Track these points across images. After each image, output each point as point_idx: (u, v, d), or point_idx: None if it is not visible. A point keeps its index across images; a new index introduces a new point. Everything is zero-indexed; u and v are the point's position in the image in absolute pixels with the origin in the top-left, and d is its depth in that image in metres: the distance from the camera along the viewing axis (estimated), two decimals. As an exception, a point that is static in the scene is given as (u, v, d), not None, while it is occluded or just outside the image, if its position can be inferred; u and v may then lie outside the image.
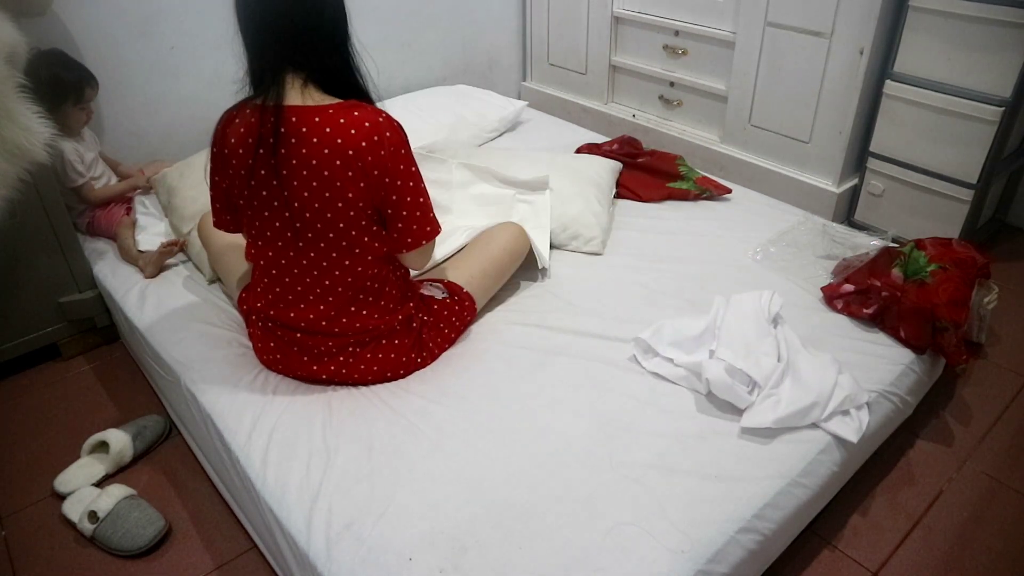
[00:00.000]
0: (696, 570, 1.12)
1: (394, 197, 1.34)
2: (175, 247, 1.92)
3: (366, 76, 1.35)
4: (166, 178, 2.09)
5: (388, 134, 1.30)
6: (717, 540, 1.16)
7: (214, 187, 1.42)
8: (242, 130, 1.31)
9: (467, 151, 2.33)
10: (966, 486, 1.59)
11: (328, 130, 1.26)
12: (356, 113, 1.28)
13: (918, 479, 1.61)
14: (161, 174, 2.12)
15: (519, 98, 3.15)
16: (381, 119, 1.29)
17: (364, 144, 1.27)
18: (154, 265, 1.89)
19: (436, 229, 1.42)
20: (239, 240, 1.70)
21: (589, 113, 3.15)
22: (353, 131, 1.27)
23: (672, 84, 2.84)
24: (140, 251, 1.94)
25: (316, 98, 1.29)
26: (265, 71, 1.28)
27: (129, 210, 2.09)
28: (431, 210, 1.41)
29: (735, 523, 1.19)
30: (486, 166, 2.03)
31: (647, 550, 1.13)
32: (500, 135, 2.71)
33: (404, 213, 1.36)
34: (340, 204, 1.31)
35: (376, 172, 1.30)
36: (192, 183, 2.02)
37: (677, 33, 2.73)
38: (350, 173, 1.28)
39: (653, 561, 1.12)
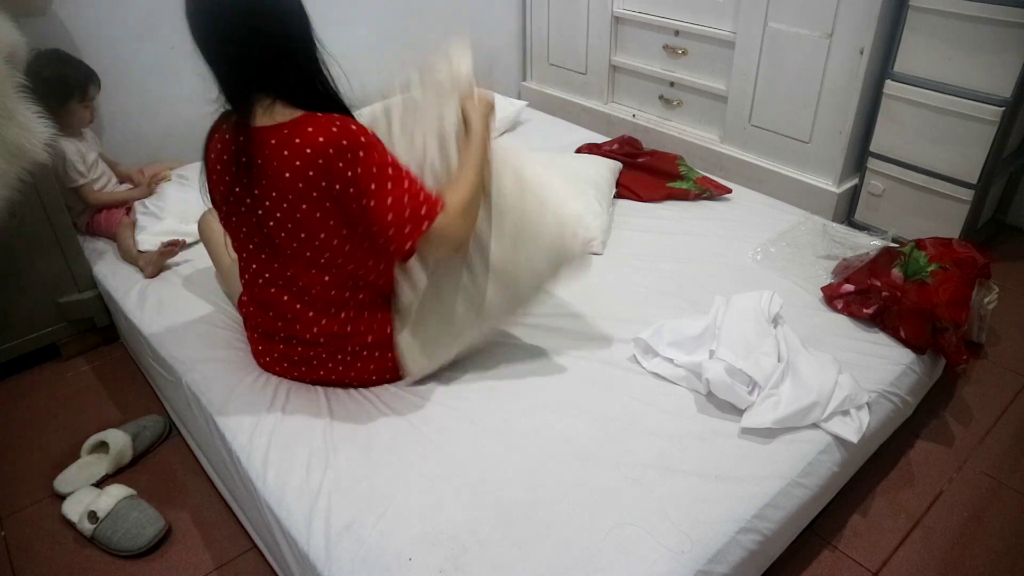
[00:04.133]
0: (696, 570, 1.12)
1: (369, 203, 1.24)
2: (175, 247, 1.91)
3: (336, 83, 1.30)
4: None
5: (344, 142, 1.20)
6: (717, 540, 1.16)
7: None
8: (219, 147, 1.31)
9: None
10: (966, 486, 1.59)
11: (286, 153, 1.21)
12: (309, 129, 1.21)
13: (918, 479, 1.61)
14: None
15: (519, 98, 3.15)
16: (334, 129, 1.21)
17: (321, 161, 1.20)
18: (154, 265, 1.89)
19: (434, 207, 1.26)
20: None
21: (589, 113, 3.15)
22: (309, 149, 1.20)
23: (672, 84, 2.84)
24: (140, 251, 1.94)
25: (279, 116, 1.24)
26: (232, 94, 1.27)
27: (129, 210, 2.09)
28: (419, 191, 1.26)
29: (735, 523, 1.19)
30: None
31: (647, 550, 1.13)
32: (500, 135, 2.71)
33: (388, 215, 1.24)
34: (318, 215, 1.26)
35: (339, 185, 1.22)
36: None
37: (677, 33, 2.73)
38: (314, 193, 1.23)
39: (653, 561, 1.12)
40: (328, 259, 1.33)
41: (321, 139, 1.20)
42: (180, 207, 2.06)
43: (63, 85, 1.90)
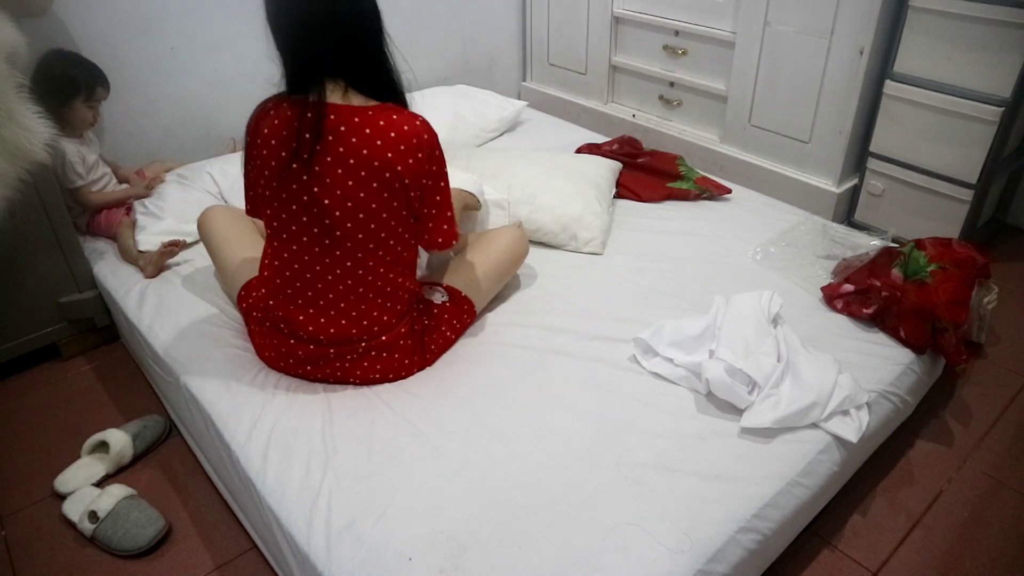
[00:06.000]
0: (696, 570, 1.12)
1: (426, 197, 1.38)
2: (176, 247, 1.91)
3: (402, 76, 1.36)
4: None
5: (425, 137, 1.32)
6: (717, 540, 1.16)
7: (247, 175, 1.43)
8: (276, 122, 1.31)
9: (467, 151, 2.33)
10: (966, 486, 1.59)
11: (368, 131, 1.28)
12: (395, 117, 1.30)
13: (918, 479, 1.61)
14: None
15: (519, 98, 3.15)
16: (418, 123, 1.32)
17: (403, 147, 1.29)
18: (154, 265, 1.89)
19: (453, 238, 1.45)
20: (237, 235, 1.70)
21: (589, 113, 3.15)
22: (393, 134, 1.29)
23: (672, 84, 2.84)
24: (140, 251, 1.94)
25: (356, 100, 1.30)
26: (304, 77, 1.29)
27: (129, 210, 2.09)
28: (453, 217, 1.45)
29: (735, 523, 1.19)
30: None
31: (647, 550, 1.13)
32: (500, 135, 2.71)
33: (434, 212, 1.40)
34: (374, 205, 1.32)
35: (412, 175, 1.32)
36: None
37: (677, 33, 2.74)
38: (387, 175, 1.30)
39: (653, 561, 1.12)
40: (375, 244, 1.37)
41: (406, 128, 1.30)
42: (180, 207, 2.06)
43: (70, 83, 1.91)
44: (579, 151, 2.42)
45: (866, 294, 1.66)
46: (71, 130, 1.95)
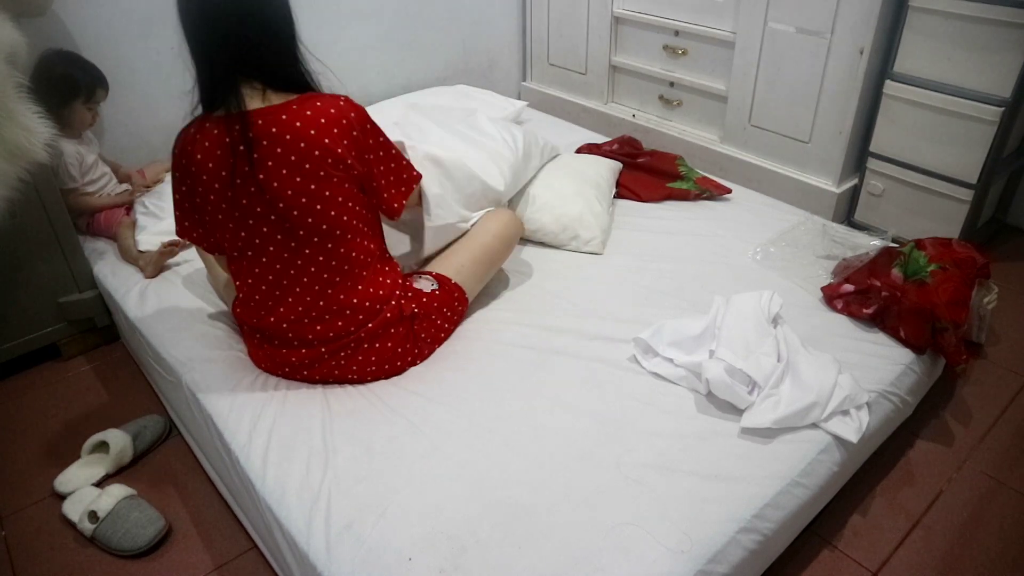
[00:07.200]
0: (696, 570, 1.12)
1: (374, 169, 1.41)
2: (176, 247, 1.91)
3: (315, 74, 1.38)
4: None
5: (353, 115, 1.35)
6: (717, 540, 1.16)
7: (178, 199, 1.43)
8: (207, 144, 1.31)
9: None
10: (966, 486, 1.59)
11: (299, 124, 1.30)
12: (319, 103, 1.32)
13: (918, 479, 1.61)
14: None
15: (519, 98, 3.15)
16: (342, 103, 1.35)
17: (336, 130, 1.32)
18: (154, 265, 1.89)
19: (416, 175, 1.52)
20: None
21: (589, 113, 3.15)
22: (323, 120, 1.31)
23: (672, 84, 2.84)
24: (140, 251, 1.94)
25: (275, 99, 1.31)
26: (219, 83, 1.29)
27: (129, 210, 2.09)
28: (404, 160, 1.49)
29: (735, 523, 1.19)
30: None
31: (647, 550, 1.13)
32: (500, 135, 2.71)
33: (387, 176, 1.44)
34: (328, 192, 1.34)
35: (354, 152, 1.36)
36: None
37: (677, 33, 2.74)
38: (329, 160, 1.32)
39: (653, 561, 1.12)
40: (341, 229, 1.38)
41: (333, 110, 1.33)
42: (180, 207, 2.06)
43: (70, 84, 1.91)
44: (579, 151, 2.42)
45: (866, 294, 1.66)
46: (70, 131, 1.95)
